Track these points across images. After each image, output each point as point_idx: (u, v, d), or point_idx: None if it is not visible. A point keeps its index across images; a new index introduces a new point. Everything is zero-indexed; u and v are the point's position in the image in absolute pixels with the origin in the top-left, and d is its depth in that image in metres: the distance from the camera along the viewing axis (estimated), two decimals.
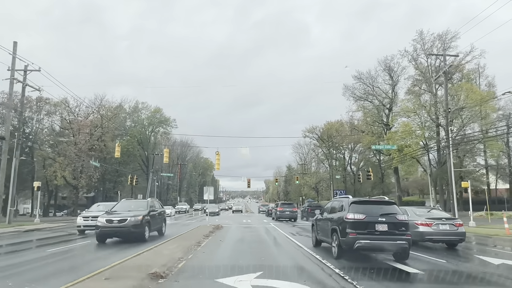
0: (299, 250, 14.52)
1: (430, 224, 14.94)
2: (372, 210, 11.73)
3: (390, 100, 63.11)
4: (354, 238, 11.06)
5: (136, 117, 76.29)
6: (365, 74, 65.16)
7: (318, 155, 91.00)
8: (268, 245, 16.81)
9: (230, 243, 16.96)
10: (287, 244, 17.01)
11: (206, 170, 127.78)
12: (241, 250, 14.75)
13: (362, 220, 11.28)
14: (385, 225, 11.23)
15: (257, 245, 16.56)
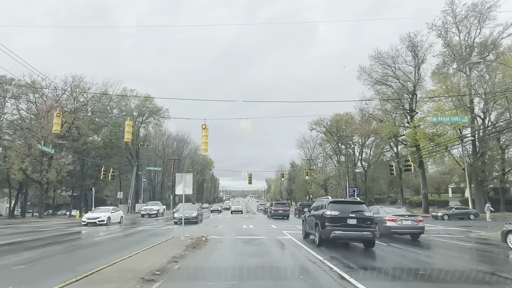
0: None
1: (395, 220, 17.54)
2: (345, 208, 14.46)
3: (414, 82, 52.30)
4: (331, 230, 13.69)
5: (123, 105, 65.47)
6: (383, 55, 54.52)
7: (326, 150, 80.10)
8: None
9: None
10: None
11: (205, 167, 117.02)
12: None
13: (337, 216, 13.84)
14: (354, 220, 13.80)
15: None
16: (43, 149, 32.99)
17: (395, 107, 53.41)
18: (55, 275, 8.25)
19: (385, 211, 18.70)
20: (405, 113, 54.20)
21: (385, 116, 56.08)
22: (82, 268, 8.71)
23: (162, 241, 14.63)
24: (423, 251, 13.98)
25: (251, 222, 32.88)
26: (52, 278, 7.86)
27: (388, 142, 64.96)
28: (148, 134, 75.05)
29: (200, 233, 18.49)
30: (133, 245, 13.86)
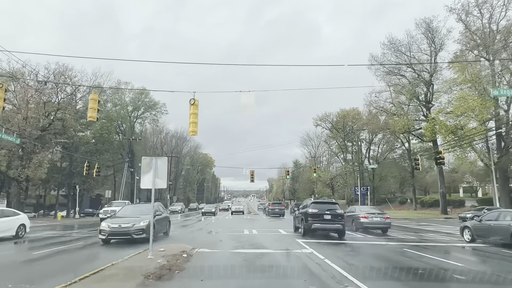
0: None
1: (367, 217, 20.70)
2: (323, 207, 18.32)
3: (431, 71, 46.81)
4: (312, 223, 17.36)
5: (117, 99, 60.07)
6: (396, 43, 49.07)
7: (331, 147, 74.56)
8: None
9: None
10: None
11: (205, 166, 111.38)
12: None
13: (316, 213, 17.54)
14: (329, 216, 17.44)
15: None
16: (3, 137, 27.57)
17: (410, 99, 47.86)
18: None
19: (360, 210, 22.53)
20: (420, 105, 48.73)
21: (398, 109, 50.60)
22: None
23: (106, 266, 8.79)
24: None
25: (254, 225, 27.37)
26: None
27: (399, 138, 59.51)
28: (145, 130, 69.68)
29: (184, 244, 13.08)
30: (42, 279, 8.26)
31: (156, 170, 10.08)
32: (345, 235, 17.51)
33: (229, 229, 22.69)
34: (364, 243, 15.44)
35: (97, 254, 12.50)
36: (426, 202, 61.14)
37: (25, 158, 37.51)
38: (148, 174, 10.09)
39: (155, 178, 10.06)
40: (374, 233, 19.89)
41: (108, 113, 53.15)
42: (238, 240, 15.69)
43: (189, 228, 23.84)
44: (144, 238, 13.60)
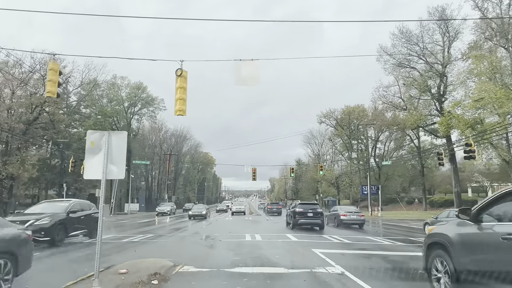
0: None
1: (346, 215, 24.59)
2: (307, 207, 23.07)
3: (444, 62, 43.03)
4: (298, 219, 21.88)
5: (112, 94, 56.37)
6: (406, 33, 45.33)
7: (336, 145, 70.77)
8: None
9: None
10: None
11: (206, 166, 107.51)
12: None
13: (301, 211, 22.15)
14: (311, 213, 22.04)
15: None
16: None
17: (422, 91, 44.06)
18: None
19: (341, 209, 26.66)
20: (433, 99, 44.94)
21: (408, 104, 46.86)
22: None
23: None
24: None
25: (257, 228, 23.66)
26: None
27: (408, 135, 55.79)
28: (143, 127, 65.99)
29: (164, 259, 9.39)
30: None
31: (109, 152, 6.38)
32: (324, 228, 22.15)
33: (228, 233, 18.98)
34: (401, 254, 11.70)
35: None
36: (436, 202, 57.47)
37: (8, 154, 33.93)
38: (96, 157, 6.37)
39: (108, 163, 6.35)
40: (351, 228, 23.63)
41: (102, 108, 49.49)
42: (237, 251, 11.98)
43: (180, 233, 20.14)
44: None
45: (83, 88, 49.20)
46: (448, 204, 55.55)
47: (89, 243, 14.03)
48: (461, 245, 5.09)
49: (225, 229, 22.34)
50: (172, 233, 19.92)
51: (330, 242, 14.84)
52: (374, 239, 16.17)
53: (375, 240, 15.89)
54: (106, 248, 13.18)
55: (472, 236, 4.94)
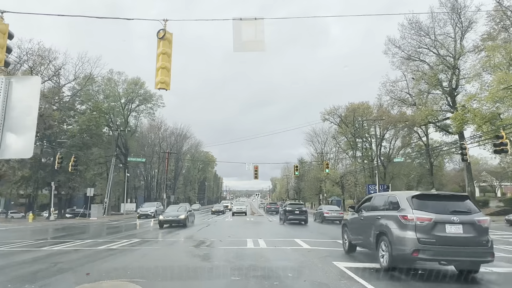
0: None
1: (328, 213, 29.94)
2: (294, 206, 29.13)
3: (455, 54, 40.11)
4: (288, 215, 27.56)
5: (109, 89, 53.50)
6: (416, 23, 42.44)
7: (340, 143, 67.82)
8: None
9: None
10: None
11: (207, 165, 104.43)
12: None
13: (290, 209, 27.89)
14: (298, 211, 27.65)
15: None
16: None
17: (434, 85, 41.15)
18: None
19: (325, 208, 33.62)
20: (444, 93, 42.01)
21: (418, 99, 43.97)
22: None
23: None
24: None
25: (260, 231, 20.75)
26: None
27: (416, 132, 52.80)
28: (141, 125, 63.07)
29: (137, 275, 6.55)
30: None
31: (7, 110, 3.48)
32: (307, 223, 27.50)
33: (227, 238, 16.10)
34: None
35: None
36: None
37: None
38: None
39: (3, 130, 3.46)
40: (334, 224, 26.79)
41: (96, 103, 46.68)
42: (237, 264, 9.10)
43: (171, 237, 17.22)
44: None
45: (79, 83, 46.45)
46: (474, 202, 52.56)
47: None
48: (350, 222, 11.11)
49: (224, 232, 19.45)
50: (161, 237, 17.03)
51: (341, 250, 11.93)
52: None
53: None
54: (70, 259, 10.31)
55: (354, 218, 10.81)
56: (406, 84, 47.06)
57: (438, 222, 7.52)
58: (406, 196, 8.34)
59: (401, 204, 8.24)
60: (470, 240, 7.54)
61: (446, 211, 7.71)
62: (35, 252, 12.05)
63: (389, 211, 8.59)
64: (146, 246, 13.50)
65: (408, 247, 7.46)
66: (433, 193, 10.96)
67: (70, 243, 14.67)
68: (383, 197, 9.55)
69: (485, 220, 7.90)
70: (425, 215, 7.62)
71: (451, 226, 7.53)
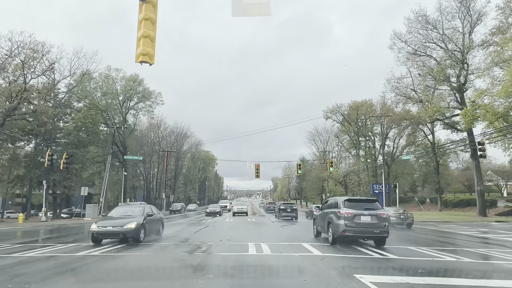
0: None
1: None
2: (287, 205, 36.05)
3: (466, 49, 38.26)
4: (281, 213, 33.83)
5: (106, 87, 51.73)
6: (423, 16, 40.59)
7: (343, 142, 66.00)
8: None
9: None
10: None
11: (207, 164, 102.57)
12: None
13: (284, 208, 34.47)
14: (289, 209, 33.93)
15: None
16: None
17: (442, 80, 39.28)
18: None
19: (314, 206, 35.71)
20: (453, 89, 40.14)
21: (425, 95, 42.09)
22: None
23: None
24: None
25: (262, 234, 18.93)
26: None
27: (422, 130, 50.92)
28: (140, 124, 61.28)
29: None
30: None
31: None
32: (297, 219, 32.62)
33: (227, 241, 14.31)
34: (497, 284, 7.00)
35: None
36: (450, 202, 52.62)
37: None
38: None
39: None
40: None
41: (93, 100, 44.92)
42: (237, 279, 7.29)
43: (164, 240, 15.40)
44: None
45: (75, 80, 44.67)
46: (464, 204, 50.61)
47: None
48: (317, 217, 16.26)
49: (224, 234, 17.63)
50: (153, 241, 15.20)
51: (370, 258, 10.12)
52: (423, 251, 11.47)
53: (428, 253, 11.16)
54: (37, 269, 8.50)
55: (318, 214, 15.82)
56: (412, 81, 45.17)
57: (356, 215, 12.52)
58: (341, 200, 13.52)
59: (339, 204, 13.23)
60: (375, 225, 12.50)
61: (361, 208, 12.75)
62: (2, 259, 10.25)
63: (333, 208, 13.56)
64: (134, 251, 11.70)
65: (340, 229, 12.55)
66: (355, 198, 16.15)
67: (50, 247, 12.88)
68: (332, 199, 14.97)
69: (384, 213, 12.96)
70: (349, 210, 12.67)
71: (364, 217, 12.52)
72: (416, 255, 10.90)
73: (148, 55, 7.39)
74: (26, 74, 33.94)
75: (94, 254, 10.91)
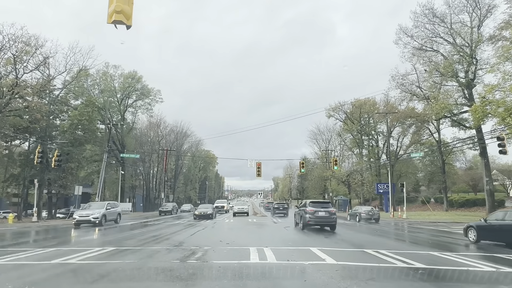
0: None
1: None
2: (280, 204, 45.86)
3: (474, 43, 36.57)
4: (275, 210, 42.51)
5: (104, 84, 50.10)
6: (429, 10, 38.92)
7: (346, 140, 64.31)
8: None
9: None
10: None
11: (208, 164, 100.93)
12: None
13: (277, 207, 43.51)
14: (282, 208, 42.83)
15: None
16: None
17: (451, 76, 37.57)
18: None
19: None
20: (461, 86, 38.43)
21: (432, 92, 40.35)
22: None
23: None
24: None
25: (265, 237, 17.28)
26: None
27: (427, 128, 49.22)
28: (139, 122, 59.68)
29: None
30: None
31: None
32: (288, 215, 38.65)
33: (226, 245, 12.69)
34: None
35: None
36: (456, 202, 50.87)
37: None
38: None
39: None
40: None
41: (89, 97, 43.30)
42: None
43: (156, 244, 13.74)
44: None
45: (72, 77, 43.07)
46: (470, 204, 48.90)
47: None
48: (296, 214, 23.23)
49: (222, 237, 15.98)
50: (143, 245, 13.54)
51: (393, 268, 8.47)
52: (455, 259, 9.82)
53: (461, 261, 9.51)
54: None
55: (298, 211, 22.79)
56: (417, 78, 43.48)
57: (316, 211, 19.62)
58: (308, 201, 21.05)
59: (307, 205, 20.47)
60: (328, 217, 19.64)
61: (320, 207, 20.05)
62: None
63: (303, 207, 20.71)
64: (117, 258, 10.04)
65: (307, 220, 19.63)
66: (316, 200, 25.88)
67: (27, 252, 11.27)
68: (304, 201, 22.75)
69: (333, 210, 20.52)
70: (312, 208, 19.81)
71: (321, 212, 19.63)
72: (441, 262, 9.22)
73: (123, 13, 5.77)
74: (19, 69, 32.29)
75: (70, 262, 9.27)
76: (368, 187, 53.12)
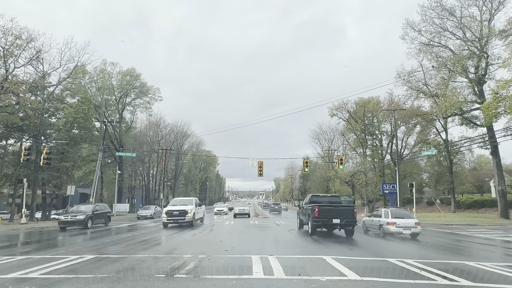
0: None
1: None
2: (275, 204, 67.63)
3: (484, 38, 34.71)
4: (271, 210, 61.29)
5: (101, 81, 48.31)
6: (436, 3, 37.07)
7: (349, 140, 62.39)
8: None
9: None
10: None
11: (209, 165, 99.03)
12: None
13: (274, 207, 62.29)
14: (276, 207, 62.19)
15: None
16: None
17: (461, 72, 35.71)
18: None
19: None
20: (471, 82, 36.55)
21: (440, 88, 38.46)
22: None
23: None
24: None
25: (269, 242, 15.40)
26: None
27: (434, 127, 47.28)
28: (138, 121, 57.88)
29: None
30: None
31: None
32: (281, 213, 56.19)
33: (224, 252, 10.84)
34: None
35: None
36: (463, 203, 48.86)
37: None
38: None
39: None
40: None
41: (85, 94, 41.53)
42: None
43: (143, 250, 11.87)
44: None
45: (67, 73, 41.33)
46: (478, 206, 46.90)
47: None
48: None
49: (220, 243, 14.11)
50: (129, 251, 11.67)
51: (428, 285, 6.61)
52: (498, 271, 7.95)
53: (503, 273, 7.64)
54: None
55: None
56: (423, 75, 41.60)
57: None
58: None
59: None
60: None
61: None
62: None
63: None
64: (90, 271, 8.14)
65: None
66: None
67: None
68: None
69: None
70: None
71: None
72: (487, 278, 7.35)
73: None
74: (9, 63, 30.51)
75: (31, 277, 7.41)
76: (372, 188, 51.15)
